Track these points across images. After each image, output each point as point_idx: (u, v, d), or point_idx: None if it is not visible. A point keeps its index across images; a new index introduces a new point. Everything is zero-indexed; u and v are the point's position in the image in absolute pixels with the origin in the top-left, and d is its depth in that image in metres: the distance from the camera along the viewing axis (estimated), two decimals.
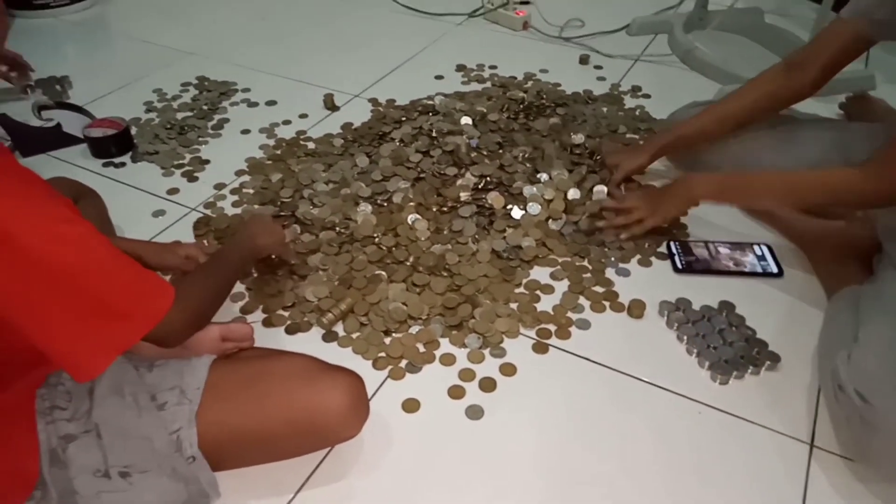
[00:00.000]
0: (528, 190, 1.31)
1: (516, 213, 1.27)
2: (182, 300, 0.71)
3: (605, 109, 1.65)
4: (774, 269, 1.19)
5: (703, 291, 1.15)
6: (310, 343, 1.06)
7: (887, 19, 1.09)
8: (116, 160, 1.48)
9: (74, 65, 1.78)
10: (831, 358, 0.92)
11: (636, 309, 1.12)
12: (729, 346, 1.04)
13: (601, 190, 1.32)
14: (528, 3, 2.18)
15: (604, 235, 1.24)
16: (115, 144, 1.48)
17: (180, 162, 1.47)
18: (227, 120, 1.63)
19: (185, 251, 1.06)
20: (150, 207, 1.34)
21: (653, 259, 1.22)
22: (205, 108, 1.67)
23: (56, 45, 1.92)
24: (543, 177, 1.34)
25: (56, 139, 1.51)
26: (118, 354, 0.66)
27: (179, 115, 1.63)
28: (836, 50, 1.15)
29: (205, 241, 1.24)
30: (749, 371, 1.01)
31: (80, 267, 0.63)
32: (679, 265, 1.20)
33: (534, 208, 1.27)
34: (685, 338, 1.07)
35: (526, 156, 1.42)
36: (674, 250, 1.23)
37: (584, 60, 1.91)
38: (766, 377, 1.02)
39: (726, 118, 1.28)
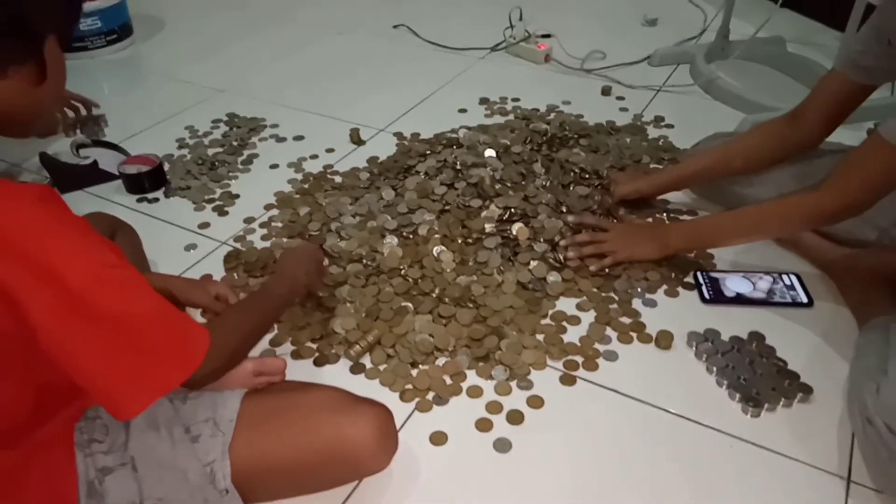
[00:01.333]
0: (550, 223, 1.32)
1: (539, 247, 1.28)
2: (216, 343, 0.71)
3: (628, 140, 1.66)
4: (804, 299, 1.18)
5: (732, 322, 1.14)
6: (338, 375, 1.07)
7: (873, 65, 1.11)
8: (150, 196, 1.52)
9: (110, 103, 1.84)
10: (860, 390, 0.91)
11: (664, 340, 1.11)
12: (760, 378, 1.03)
13: (571, 218, 1.33)
14: (549, 36, 2.21)
15: (569, 263, 1.24)
16: (148, 180, 1.53)
17: (211, 197, 1.51)
18: (256, 155, 1.67)
19: (215, 289, 1.07)
20: (182, 241, 1.37)
21: (680, 289, 1.22)
22: (235, 143, 1.71)
23: (93, 84, 1.99)
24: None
25: (92, 176, 1.56)
26: (156, 399, 0.67)
27: (210, 151, 1.68)
28: (834, 101, 1.18)
29: (234, 275, 1.26)
30: (781, 403, 1.00)
31: (125, 312, 0.64)
32: (707, 295, 1.19)
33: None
34: (714, 369, 1.06)
35: (546, 185, 1.43)
36: (701, 280, 1.22)
37: (606, 92, 1.93)
38: (799, 409, 1.00)
39: (732, 159, 1.30)
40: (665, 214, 1.41)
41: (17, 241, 0.60)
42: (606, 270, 1.24)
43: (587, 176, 1.48)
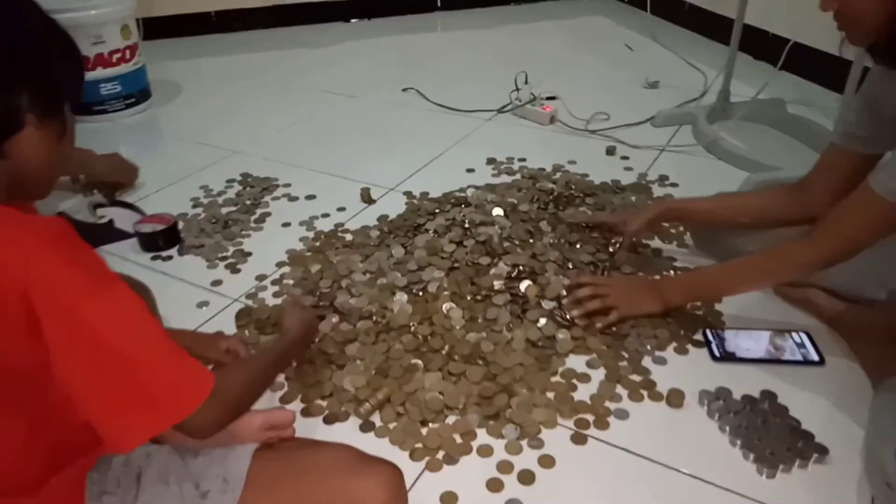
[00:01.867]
0: (556, 280, 1.33)
1: (547, 304, 1.29)
2: (219, 392, 0.72)
3: (633, 198, 1.69)
4: (815, 357, 1.18)
5: (743, 380, 1.13)
6: (347, 433, 1.06)
7: (868, 135, 1.13)
8: (164, 254, 1.55)
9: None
10: (878, 454, 0.89)
11: (675, 398, 1.10)
12: (774, 438, 1.02)
13: (561, 279, 1.34)
14: (554, 98, 2.28)
15: (577, 321, 1.24)
16: (163, 239, 1.56)
17: (224, 254, 1.53)
18: (268, 214, 1.70)
19: (226, 344, 1.09)
20: (195, 299, 1.39)
21: (689, 347, 1.22)
22: (248, 202, 1.75)
23: (112, 146, 2.05)
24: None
25: (109, 234, 1.59)
26: (149, 438, 0.69)
27: (224, 210, 1.72)
28: (839, 175, 1.17)
29: (245, 332, 1.27)
30: (797, 464, 0.98)
31: (132, 348, 0.67)
32: (717, 353, 1.19)
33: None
34: (727, 428, 1.04)
35: (553, 243, 1.45)
36: (710, 338, 1.22)
37: (610, 151, 1.97)
38: (815, 470, 0.98)
39: (738, 214, 1.33)
40: (672, 272, 1.42)
41: (39, 275, 0.63)
42: (614, 328, 1.24)
43: (594, 234, 1.50)
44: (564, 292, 1.30)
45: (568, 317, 1.25)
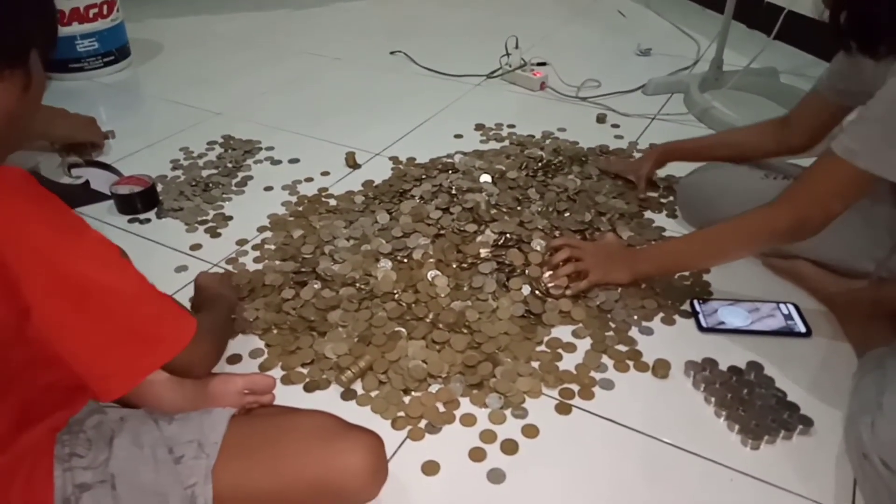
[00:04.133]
0: (544, 247, 1.31)
1: (532, 271, 1.27)
2: (202, 328, 0.74)
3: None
4: (802, 329, 1.17)
5: (729, 351, 1.12)
6: (328, 401, 1.04)
7: (845, 88, 1.16)
8: (142, 216, 1.50)
9: (106, 124, 1.83)
10: (856, 424, 0.89)
11: (661, 369, 1.09)
12: (759, 409, 1.01)
13: (539, 242, 1.33)
14: (544, 64, 2.23)
15: (553, 291, 1.23)
16: (140, 201, 1.51)
17: (204, 218, 1.49)
18: (250, 177, 1.66)
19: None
20: (174, 263, 1.35)
21: (676, 317, 1.20)
22: (229, 165, 1.70)
23: (89, 105, 1.99)
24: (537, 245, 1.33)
25: (84, 196, 1.55)
26: (145, 376, 0.70)
27: (205, 173, 1.67)
28: (816, 118, 1.26)
29: None
30: (781, 436, 0.98)
31: (114, 289, 0.67)
32: (703, 324, 1.18)
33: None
34: (713, 399, 1.04)
35: (541, 210, 1.43)
36: (697, 309, 1.21)
37: (601, 119, 1.94)
38: (799, 442, 0.98)
39: (720, 145, 1.46)
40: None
41: (6, 226, 0.62)
42: (585, 295, 1.23)
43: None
44: (546, 254, 1.29)
45: (543, 289, 1.23)
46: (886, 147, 0.92)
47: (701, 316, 1.19)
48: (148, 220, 1.50)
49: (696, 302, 1.22)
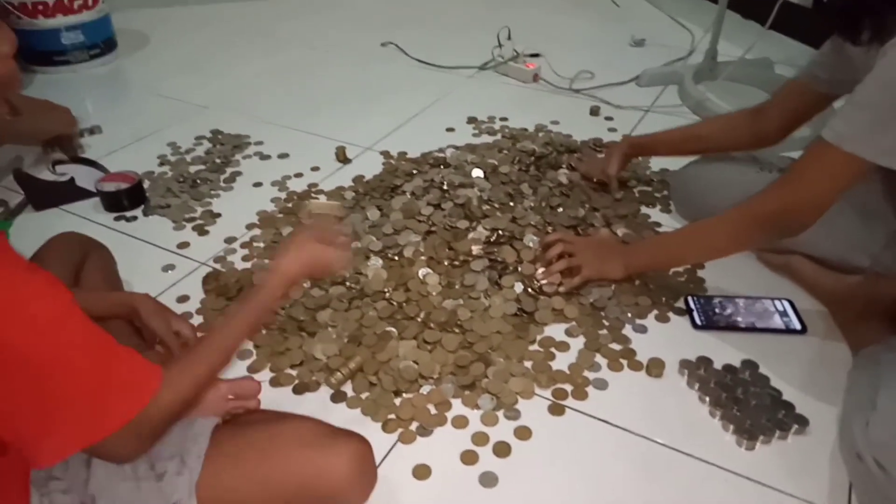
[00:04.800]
0: (537, 243, 1.29)
1: (525, 268, 1.25)
2: (146, 417, 0.64)
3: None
4: (797, 326, 1.16)
5: (724, 349, 1.11)
6: (318, 403, 1.03)
7: (829, 77, 1.14)
8: (128, 214, 1.48)
9: (91, 118, 1.80)
10: (850, 424, 0.88)
11: (655, 368, 1.08)
12: (754, 409, 1.00)
13: (532, 238, 1.31)
14: (537, 55, 2.20)
15: (546, 288, 1.21)
16: (127, 198, 1.48)
17: (192, 216, 1.47)
18: (239, 173, 1.63)
19: (178, 325, 1.02)
20: (160, 262, 1.33)
21: (671, 314, 1.19)
22: (217, 161, 1.67)
23: (75, 98, 1.95)
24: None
25: (69, 193, 1.52)
26: (74, 453, 0.63)
27: (192, 169, 1.64)
28: (793, 107, 1.23)
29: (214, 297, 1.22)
30: (776, 435, 0.97)
31: (49, 357, 0.59)
32: (698, 321, 1.16)
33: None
34: (707, 399, 1.02)
35: (534, 206, 1.41)
36: (692, 306, 1.19)
37: (594, 112, 1.92)
38: (795, 442, 0.97)
39: (690, 139, 1.41)
40: None
41: None
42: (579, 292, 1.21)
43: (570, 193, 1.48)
44: (538, 250, 1.27)
45: (537, 285, 1.22)
46: (876, 131, 0.90)
47: (695, 313, 1.18)
48: (134, 218, 1.47)
49: (690, 299, 1.21)
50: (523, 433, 0.98)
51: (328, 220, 0.85)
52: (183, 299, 1.22)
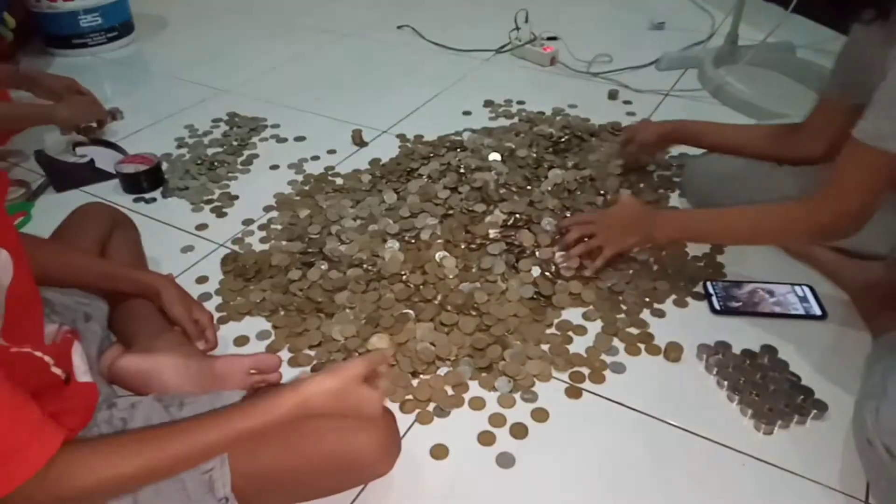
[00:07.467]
0: (554, 227, 1.29)
1: (542, 253, 1.25)
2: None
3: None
4: (817, 311, 1.15)
5: (743, 334, 1.11)
6: None
7: (855, 80, 1.08)
8: (147, 196, 1.49)
9: (110, 101, 1.81)
10: (862, 409, 0.88)
11: (673, 352, 1.08)
12: (772, 394, 0.99)
13: (549, 221, 1.31)
14: (555, 38, 2.18)
15: (565, 272, 1.20)
16: (146, 180, 1.50)
17: (209, 197, 1.48)
18: (256, 156, 1.64)
19: (199, 314, 1.01)
20: (179, 243, 1.34)
21: (689, 299, 1.18)
22: (235, 143, 1.68)
23: (93, 81, 1.95)
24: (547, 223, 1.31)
25: (89, 175, 1.53)
26: None
27: (210, 151, 1.65)
28: (830, 122, 1.17)
29: (233, 279, 1.22)
30: (795, 420, 0.96)
31: None
32: (717, 306, 1.16)
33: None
34: (725, 383, 1.02)
35: (551, 189, 1.40)
36: (711, 291, 1.19)
37: (612, 95, 1.90)
38: (813, 427, 0.97)
39: (728, 144, 1.35)
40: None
41: None
42: (614, 283, 1.20)
43: (593, 180, 1.45)
44: (557, 235, 1.27)
45: (554, 269, 1.21)
46: None
47: (714, 298, 1.17)
48: (153, 200, 1.48)
49: (709, 284, 1.20)
50: (540, 415, 0.98)
51: (381, 359, 0.74)
52: (202, 280, 1.24)
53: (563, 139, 1.61)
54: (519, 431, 0.96)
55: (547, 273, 1.21)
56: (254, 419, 0.67)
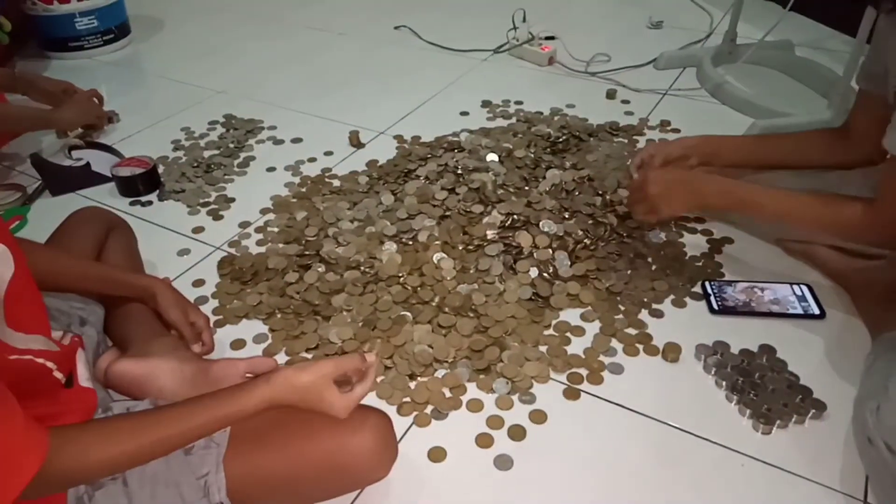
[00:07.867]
0: (552, 228, 1.28)
1: (540, 254, 1.24)
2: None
3: (626, 142, 1.63)
4: (816, 311, 1.14)
5: (741, 334, 1.10)
6: None
7: (886, 70, 1.04)
8: (143, 199, 1.48)
9: (107, 104, 1.80)
10: (862, 408, 0.88)
11: (671, 352, 1.07)
12: (771, 394, 0.99)
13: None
14: (553, 38, 2.18)
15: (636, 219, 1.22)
16: (142, 183, 1.49)
17: (206, 200, 1.47)
18: (252, 158, 1.63)
19: (195, 316, 1.02)
20: (176, 246, 1.33)
21: (687, 299, 1.18)
22: (231, 146, 1.68)
23: (89, 84, 1.95)
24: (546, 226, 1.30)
25: (85, 178, 1.53)
26: None
27: (206, 154, 1.65)
28: (871, 118, 1.10)
29: (229, 281, 1.22)
30: (793, 420, 0.96)
31: None
32: (715, 306, 1.15)
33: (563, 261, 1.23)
34: (724, 383, 1.02)
35: (549, 190, 1.40)
36: (709, 290, 1.18)
37: (611, 95, 1.89)
38: (812, 426, 0.96)
39: (771, 157, 1.25)
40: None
41: None
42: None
43: (591, 180, 1.45)
44: (552, 247, 1.26)
45: (551, 270, 1.21)
46: None
47: (713, 298, 1.17)
48: (150, 203, 1.48)
49: (707, 283, 1.20)
50: (538, 417, 0.98)
51: (355, 364, 0.74)
52: (198, 283, 1.23)
53: (561, 139, 1.61)
54: (517, 433, 0.95)
55: (545, 274, 1.21)
56: (227, 408, 0.68)
